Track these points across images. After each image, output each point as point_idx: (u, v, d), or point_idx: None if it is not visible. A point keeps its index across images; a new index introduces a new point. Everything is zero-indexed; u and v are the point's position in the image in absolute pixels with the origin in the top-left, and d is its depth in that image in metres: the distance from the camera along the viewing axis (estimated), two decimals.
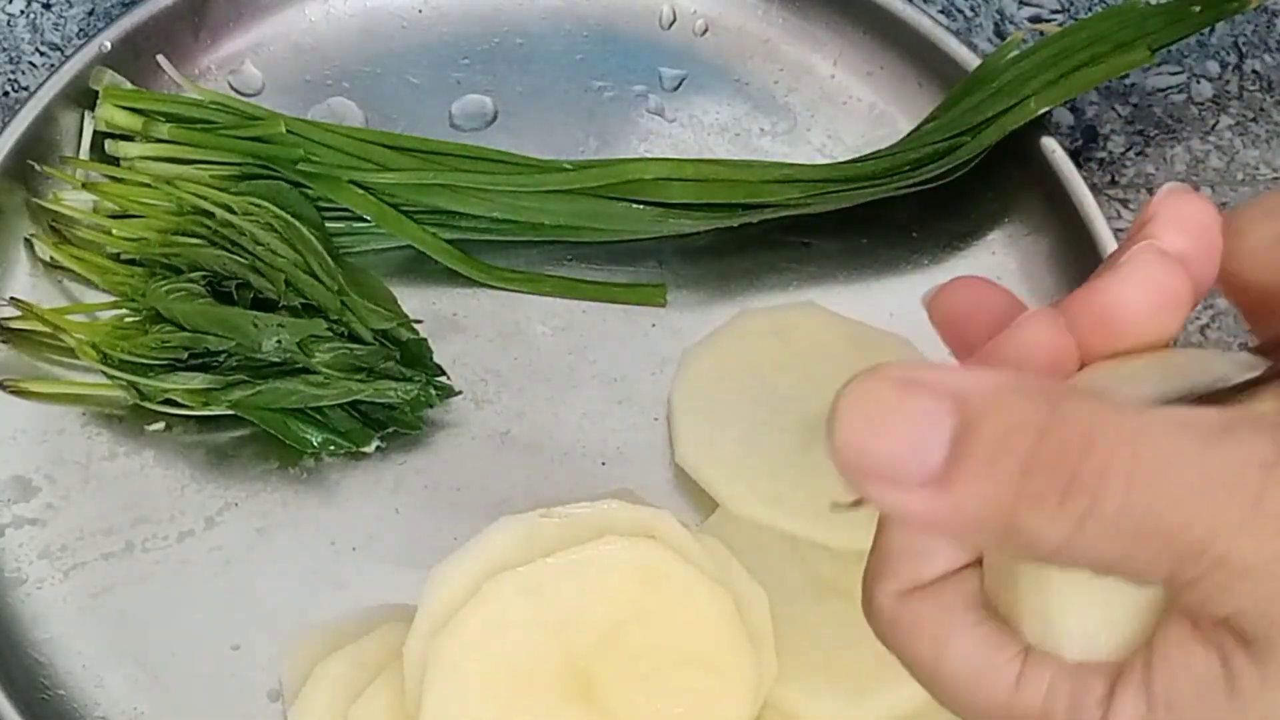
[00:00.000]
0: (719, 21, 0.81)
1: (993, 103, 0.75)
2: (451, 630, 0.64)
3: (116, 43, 0.77)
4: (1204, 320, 0.77)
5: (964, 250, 0.77)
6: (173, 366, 0.71)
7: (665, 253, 0.77)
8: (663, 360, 0.75)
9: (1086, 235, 0.74)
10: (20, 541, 0.71)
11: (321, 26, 0.81)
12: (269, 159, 0.75)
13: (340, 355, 0.71)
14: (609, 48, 0.81)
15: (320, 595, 0.71)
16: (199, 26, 0.79)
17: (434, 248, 0.75)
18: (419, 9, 0.81)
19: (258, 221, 0.73)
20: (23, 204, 0.75)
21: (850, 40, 0.80)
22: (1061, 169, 0.75)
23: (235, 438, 0.73)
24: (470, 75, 0.80)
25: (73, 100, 0.76)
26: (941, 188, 0.76)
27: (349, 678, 0.67)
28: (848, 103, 0.80)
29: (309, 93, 0.80)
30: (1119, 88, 0.81)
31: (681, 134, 0.79)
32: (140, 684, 0.69)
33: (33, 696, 0.68)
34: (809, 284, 0.76)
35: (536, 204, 0.75)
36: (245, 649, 0.70)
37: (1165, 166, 0.80)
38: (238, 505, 0.72)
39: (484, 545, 0.66)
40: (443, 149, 0.77)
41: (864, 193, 0.75)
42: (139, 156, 0.75)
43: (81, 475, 0.72)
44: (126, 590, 0.71)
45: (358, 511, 0.72)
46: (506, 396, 0.74)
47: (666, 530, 0.67)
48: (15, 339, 0.74)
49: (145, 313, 0.73)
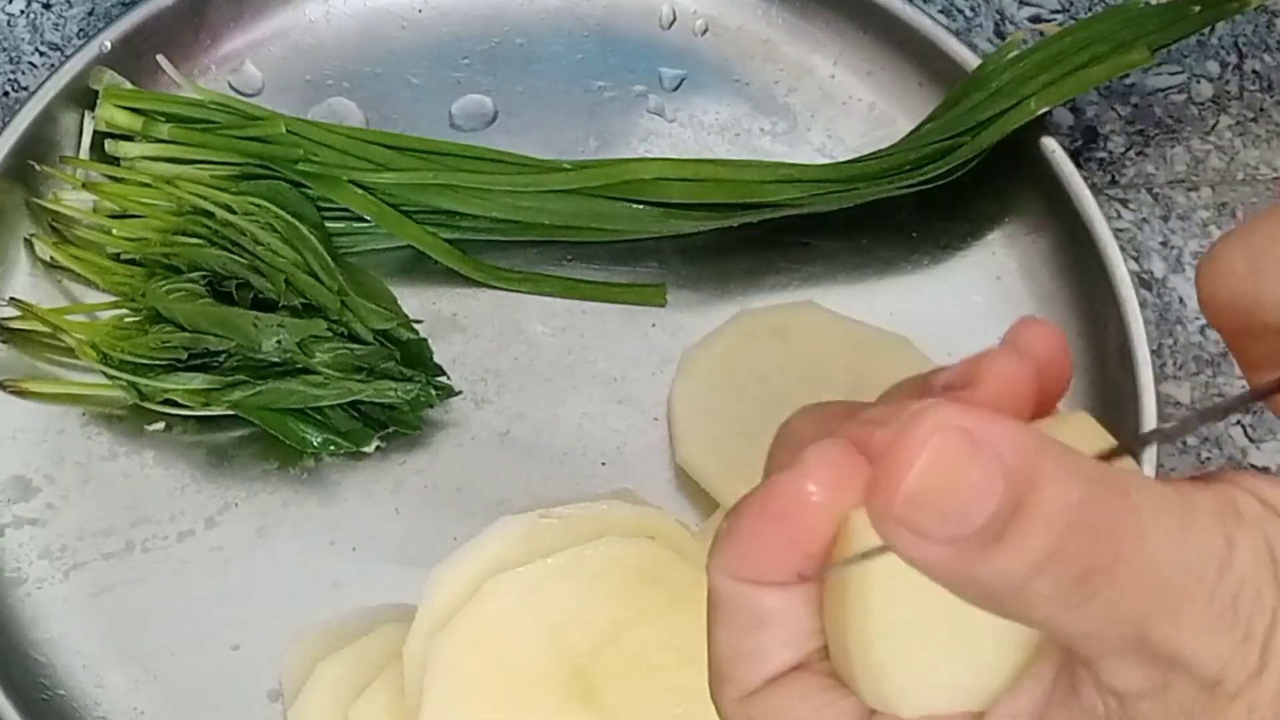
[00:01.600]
0: (719, 21, 0.81)
1: (993, 103, 0.75)
2: (451, 630, 0.64)
3: (116, 43, 0.77)
4: (1204, 320, 0.77)
5: (964, 250, 0.77)
6: (173, 366, 0.71)
7: (665, 253, 0.77)
8: (663, 360, 0.75)
9: (1086, 235, 0.74)
10: (20, 541, 0.71)
11: (321, 26, 0.81)
12: (269, 159, 0.75)
13: (340, 355, 0.71)
14: (609, 48, 0.81)
15: (320, 595, 0.71)
16: (199, 26, 0.79)
17: (434, 248, 0.75)
18: (419, 9, 0.81)
19: (258, 221, 0.73)
20: (23, 204, 0.75)
21: (850, 40, 0.80)
22: (1061, 169, 0.75)
23: (235, 438, 0.73)
24: (470, 75, 0.80)
25: (73, 100, 0.76)
26: (941, 188, 0.76)
27: (349, 678, 0.67)
28: (848, 103, 0.80)
29: (309, 93, 0.80)
30: (1119, 88, 0.81)
31: (681, 134, 0.79)
32: (140, 684, 0.69)
33: (33, 696, 0.68)
34: (809, 284, 0.76)
35: (536, 204, 0.75)
36: (245, 649, 0.70)
37: (1165, 166, 0.80)
38: (238, 505, 0.72)
39: (484, 545, 0.66)
40: (443, 149, 0.77)
41: (864, 193, 0.75)
42: (139, 156, 0.75)
43: (81, 475, 0.72)
44: (126, 590, 0.71)
45: (358, 511, 0.72)
46: (506, 396, 0.74)
47: (666, 530, 0.67)
48: (15, 339, 0.74)
49: (145, 313, 0.73)
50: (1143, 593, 0.36)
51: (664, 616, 0.65)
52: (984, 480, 0.35)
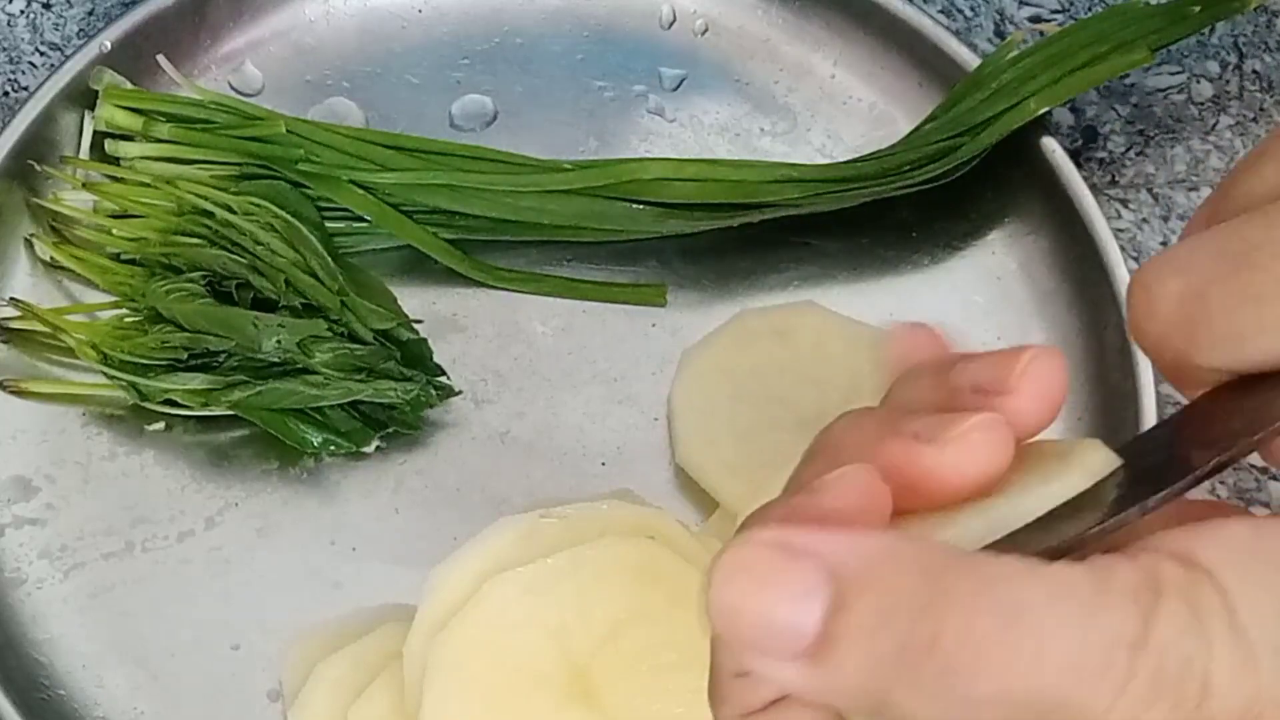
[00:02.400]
0: (719, 21, 0.81)
1: (993, 103, 0.75)
2: (451, 630, 0.64)
3: (116, 43, 0.76)
4: None
5: (964, 250, 0.77)
6: (173, 367, 0.71)
7: (665, 252, 0.77)
8: (663, 360, 0.75)
9: (1086, 235, 0.74)
10: (20, 541, 0.71)
11: (321, 26, 0.81)
12: (269, 159, 0.75)
13: (340, 355, 0.71)
14: (609, 48, 0.81)
15: (320, 595, 0.70)
16: (199, 26, 0.79)
17: (434, 247, 0.75)
18: (419, 9, 0.81)
19: (258, 221, 0.72)
20: (23, 204, 0.75)
21: (850, 40, 0.80)
22: (1061, 169, 0.75)
23: (235, 438, 0.73)
24: (470, 75, 0.80)
25: (73, 100, 0.76)
26: (941, 188, 0.76)
27: (349, 678, 0.67)
28: (848, 103, 0.80)
29: (309, 93, 0.80)
30: (1119, 88, 0.81)
31: (682, 134, 0.79)
32: (140, 684, 0.69)
33: (32, 697, 0.68)
34: (809, 284, 0.76)
35: (536, 204, 0.75)
36: (245, 649, 0.70)
37: (1165, 166, 0.79)
38: (238, 505, 0.72)
39: (484, 545, 0.66)
40: (443, 149, 0.76)
41: (864, 193, 0.75)
42: (139, 156, 0.75)
43: (81, 475, 0.72)
44: (126, 590, 0.71)
45: (358, 511, 0.72)
46: (506, 396, 0.74)
47: (666, 530, 0.67)
48: (15, 339, 0.74)
49: (145, 313, 0.72)
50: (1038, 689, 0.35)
51: (664, 617, 0.65)
52: (803, 583, 0.35)
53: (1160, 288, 0.39)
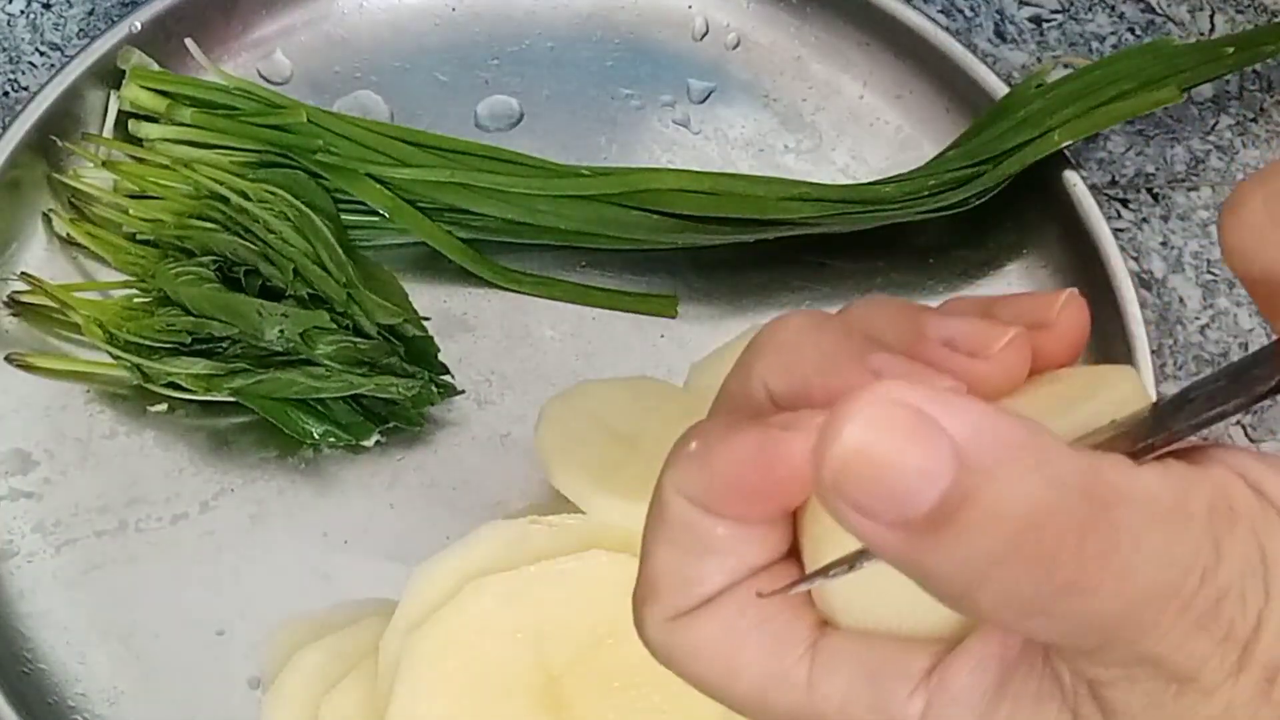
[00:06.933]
0: (751, 36, 0.81)
1: (1017, 133, 0.74)
2: (426, 629, 0.64)
3: (147, 24, 0.77)
4: (1204, 320, 0.76)
5: (980, 279, 0.76)
6: (177, 350, 0.72)
7: (679, 264, 0.76)
8: (669, 372, 0.74)
9: (1103, 272, 0.73)
10: (15, 514, 0.72)
11: (354, 18, 0.81)
12: (288, 148, 0.75)
13: (343, 348, 0.71)
14: (639, 56, 0.81)
15: (307, 586, 0.71)
16: (231, 12, 0.79)
17: (447, 245, 0.75)
18: (452, 8, 0.81)
19: (272, 209, 0.73)
20: (43, 179, 0.76)
21: (881, 62, 0.79)
22: (1082, 204, 0.74)
23: (236, 424, 0.73)
24: (499, 76, 0.80)
25: (99, 78, 0.76)
26: (961, 215, 0.75)
27: (325, 668, 0.67)
28: (874, 124, 0.79)
29: (337, 84, 0.80)
30: None
31: (705, 146, 0.79)
32: (122, 663, 0.70)
33: (13, 669, 0.69)
34: (822, 303, 0.76)
35: (552, 208, 0.75)
36: (229, 635, 0.70)
37: (1165, 167, 0.79)
38: (233, 491, 0.72)
39: (470, 547, 0.66)
40: (462, 148, 0.76)
41: (882, 215, 0.74)
42: (160, 138, 0.76)
43: (81, 452, 0.73)
44: (116, 569, 0.71)
45: (352, 505, 0.72)
46: (510, 398, 0.74)
47: None
48: (25, 313, 0.74)
49: (154, 294, 0.73)
50: (1111, 610, 0.34)
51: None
52: (928, 463, 0.33)
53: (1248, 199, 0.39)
